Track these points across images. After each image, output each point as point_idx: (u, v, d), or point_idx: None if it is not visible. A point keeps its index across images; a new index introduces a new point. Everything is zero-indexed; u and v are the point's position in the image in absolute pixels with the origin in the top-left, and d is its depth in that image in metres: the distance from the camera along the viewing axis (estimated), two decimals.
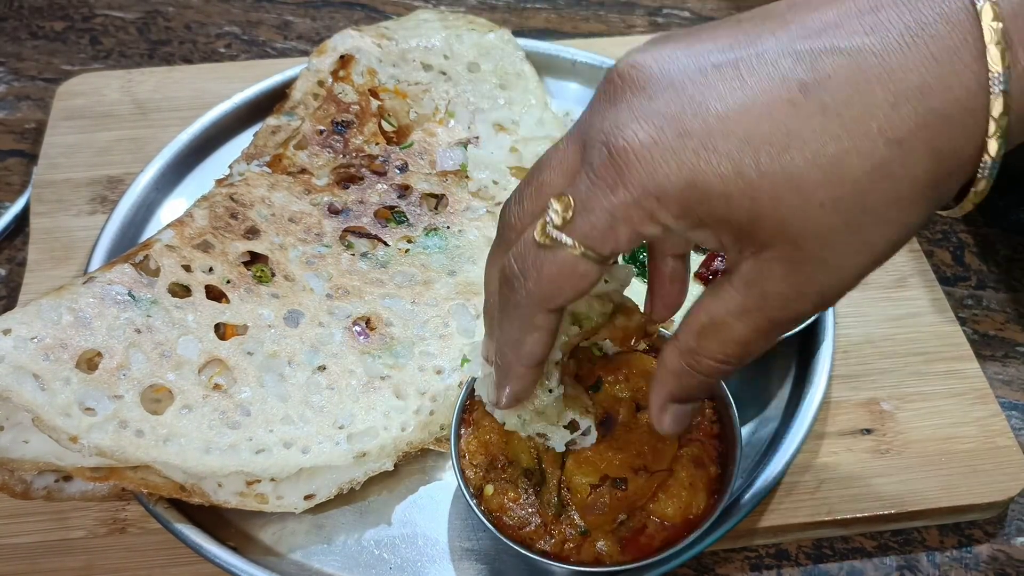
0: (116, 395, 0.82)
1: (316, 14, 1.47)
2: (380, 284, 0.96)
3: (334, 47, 1.15)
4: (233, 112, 1.18)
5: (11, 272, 1.12)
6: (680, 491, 0.75)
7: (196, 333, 0.87)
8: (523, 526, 0.76)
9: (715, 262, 0.93)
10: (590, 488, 0.73)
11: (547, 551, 0.75)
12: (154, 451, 0.81)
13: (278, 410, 0.86)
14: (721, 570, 0.88)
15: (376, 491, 0.89)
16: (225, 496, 0.84)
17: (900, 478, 0.90)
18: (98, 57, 1.40)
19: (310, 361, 0.89)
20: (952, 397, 0.96)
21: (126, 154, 1.18)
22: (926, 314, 1.03)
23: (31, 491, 0.83)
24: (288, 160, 1.04)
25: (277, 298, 0.92)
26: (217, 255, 0.93)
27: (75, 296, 0.85)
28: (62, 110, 1.23)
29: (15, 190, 1.21)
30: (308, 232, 0.98)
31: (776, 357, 0.99)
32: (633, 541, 0.76)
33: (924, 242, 1.14)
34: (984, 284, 1.12)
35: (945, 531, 0.91)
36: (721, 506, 0.76)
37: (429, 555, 0.86)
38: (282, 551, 0.86)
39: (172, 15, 1.47)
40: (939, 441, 0.93)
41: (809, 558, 0.89)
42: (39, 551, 0.86)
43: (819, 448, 0.92)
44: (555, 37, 1.42)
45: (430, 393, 0.90)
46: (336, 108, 1.09)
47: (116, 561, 0.85)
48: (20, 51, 1.40)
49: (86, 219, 1.11)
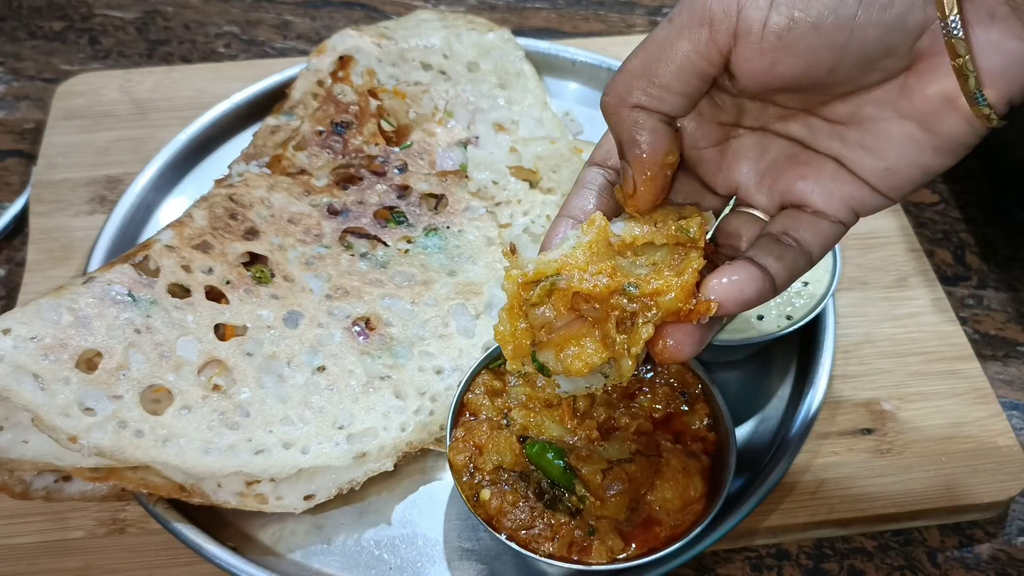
0: (116, 395, 0.82)
1: (315, 14, 1.47)
2: (380, 284, 0.96)
3: (333, 47, 1.15)
4: (232, 112, 1.18)
5: (10, 272, 1.12)
6: (675, 475, 0.77)
7: (195, 334, 0.87)
8: (525, 528, 0.76)
9: None
10: (602, 474, 0.75)
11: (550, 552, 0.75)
12: (153, 451, 0.80)
13: (277, 411, 0.86)
14: (722, 570, 0.88)
15: (376, 491, 0.89)
16: (225, 496, 0.84)
17: (901, 478, 0.90)
18: (97, 57, 1.40)
19: (309, 362, 0.89)
20: (953, 397, 0.96)
21: (125, 154, 1.18)
22: (927, 314, 1.03)
23: (31, 491, 0.83)
24: (287, 161, 1.04)
25: (276, 299, 0.92)
26: (216, 256, 0.93)
27: (75, 296, 0.85)
28: (61, 110, 1.23)
29: (14, 190, 1.21)
30: (307, 233, 0.98)
31: (776, 357, 0.99)
32: (638, 538, 0.76)
33: (925, 242, 1.13)
34: (985, 284, 1.12)
35: (946, 531, 0.91)
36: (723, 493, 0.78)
37: (429, 555, 0.86)
38: (282, 551, 0.86)
39: (171, 15, 1.46)
40: (940, 441, 0.93)
41: (810, 558, 0.89)
42: (38, 551, 0.86)
43: (820, 448, 0.92)
44: (555, 36, 1.41)
45: (430, 393, 0.90)
46: (335, 109, 1.09)
47: (116, 561, 0.85)
48: (19, 51, 1.40)
49: (85, 219, 1.11)
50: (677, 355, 0.61)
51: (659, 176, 0.61)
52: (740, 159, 0.66)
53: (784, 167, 0.64)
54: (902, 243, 1.10)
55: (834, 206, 0.62)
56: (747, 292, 0.59)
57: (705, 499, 0.78)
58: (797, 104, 0.62)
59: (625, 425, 0.80)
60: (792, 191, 0.63)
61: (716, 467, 0.81)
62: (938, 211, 1.19)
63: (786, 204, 0.64)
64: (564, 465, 0.76)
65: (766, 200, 0.65)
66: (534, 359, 0.65)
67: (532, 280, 0.63)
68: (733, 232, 0.66)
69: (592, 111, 1.23)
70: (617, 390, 0.84)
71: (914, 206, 1.19)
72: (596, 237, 0.62)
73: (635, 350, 0.61)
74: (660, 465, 0.78)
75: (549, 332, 0.64)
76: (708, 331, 0.62)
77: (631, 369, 0.63)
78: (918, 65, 0.56)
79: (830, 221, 0.62)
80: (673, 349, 0.61)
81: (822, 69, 0.56)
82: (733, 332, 0.89)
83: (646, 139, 0.60)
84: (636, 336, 0.61)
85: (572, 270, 0.61)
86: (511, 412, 0.82)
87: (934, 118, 0.57)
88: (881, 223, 1.11)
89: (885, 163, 0.59)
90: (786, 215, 0.63)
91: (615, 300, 0.61)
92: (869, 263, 1.07)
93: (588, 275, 0.61)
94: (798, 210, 0.63)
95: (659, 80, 0.58)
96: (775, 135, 0.65)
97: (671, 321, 0.61)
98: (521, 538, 0.76)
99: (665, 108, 0.60)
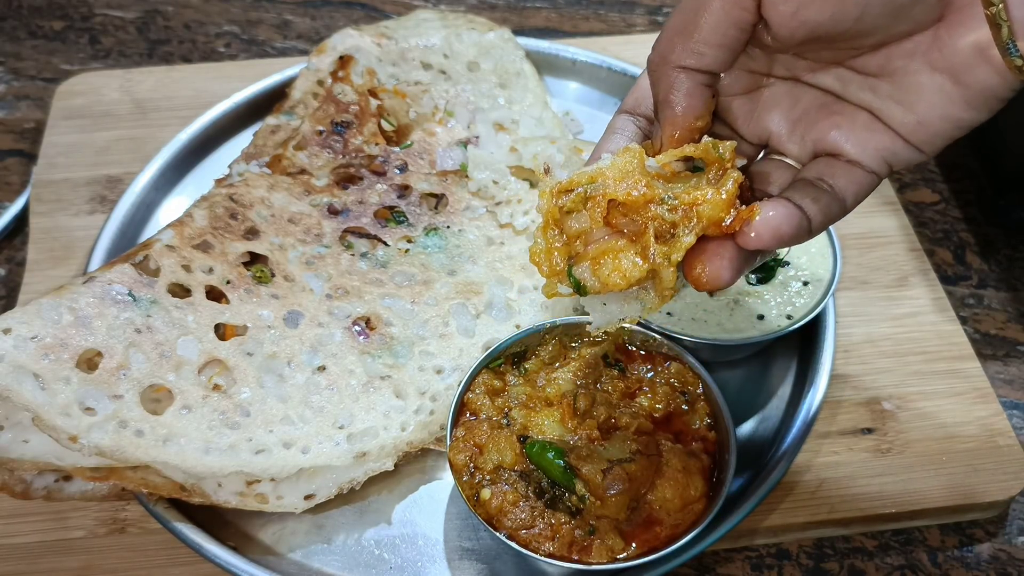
0: (116, 395, 0.82)
1: (316, 13, 1.47)
2: (380, 284, 0.96)
3: (333, 47, 1.15)
4: (232, 112, 1.18)
5: (11, 272, 1.12)
6: (675, 475, 0.78)
7: (196, 333, 0.87)
8: (525, 528, 0.76)
9: None
10: (602, 473, 0.75)
11: (551, 551, 0.75)
12: (154, 451, 0.80)
13: (278, 410, 0.86)
14: (722, 570, 0.88)
15: (376, 491, 0.89)
16: (225, 496, 0.84)
17: (901, 477, 0.90)
18: (97, 56, 1.40)
19: (310, 361, 0.89)
20: (953, 396, 0.96)
21: (125, 154, 1.18)
22: (927, 313, 1.03)
23: (31, 491, 0.83)
24: (288, 161, 1.04)
25: (277, 299, 0.92)
26: (217, 255, 0.93)
27: (75, 296, 0.85)
28: (61, 110, 1.23)
29: (14, 190, 1.21)
30: (308, 232, 0.98)
31: (777, 357, 0.99)
32: (638, 538, 0.76)
33: (925, 241, 1.13)
34: (985, 283, 1.12)
35: (946, 530, 0.91)
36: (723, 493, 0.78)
37: (429, 555, 0.86)
38: (282, 551, 0.86)
39: (171, 14, 1.46)
40: (940, 440, 0.93)
41: (810, 558, 0.89)
42: (39, 551, 0.86)
43: (820, 448, 0.92)
44: (555, 36, 1.41)
45: (430, 393, 0.90)
46: (335, 108, 1.09)
47: (116, 561, 0.85)
48: (19, 51, 1.40)
49: (85, 219, 1.11)
50: (716, 279, 0.61)
51: (686, 138, 0.62)
52: (771, 108, 0.66)
53: (817, 116, 0.64)
54: (902, 242, 1.09)
55: (867, 156, 0.62)
56: (784, 227, 0.59)
57: (705, 499, 0.79)
58: (828, 57, 0.62)
59: (625, 425, 0.80)
60: (825, 140, 0.63)
61: (716, 467, 0.81)
62: (938, 210, 1.19)
63: (819, 153, 0.64)
64: (564, 465, 0.76)
65: (798, 149, 0.65)
66: (570, 275, 0.62)
67: (566, 189, 0.61)
68: (765, 177, 0.66)
69: (592, 111, 1.23)
70: (617, 389, 0.84)
71: (914, 206, 1.19)
72: (632, 158, 0.61)
73: (676, 256, 0.59)
74: (660, 465, 0.78)
75: (585, 244, 0.62)
76: (745, 260, 0.61)
77: (672, 281, 0.61)
78: (950, 16, 0.56)
79: (864, 171, 0.62)
80: (711, 273, 0.60)
81: (850, 16, 0.56)
82: (733, 332, 0.89)
83: (680, 101, 0.61)
84: (677, 245, 0.59)
85: (607, 179, 0.60)
86: (511, 412, 0.82)
87: (966, 70, 0.56)
88: (881, 223, 1.11)
89: (916, 116, 0.59)
90: (820, 162, 0.63)
91: (653, 210, 0.59)
92: (869, 263, 1.07)
93: (624, 184, 0.60)
94: (832, 158, 0.63)
95: (698, 35, 0.59)
96: (807, 85, 0.65)
97: (712, 235, 0.59)
98: (521, 537, 0.76)
99: (705, 63, 0.60)
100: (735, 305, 0.91)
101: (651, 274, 0.61)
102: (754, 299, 0.92)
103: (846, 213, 0.63)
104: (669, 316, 0.90)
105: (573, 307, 0.99)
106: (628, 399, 0.84)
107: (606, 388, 0.84)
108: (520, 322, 0.95)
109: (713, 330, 0.90)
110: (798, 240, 0.60)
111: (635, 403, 0.84)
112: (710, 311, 0.91)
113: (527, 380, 0.85)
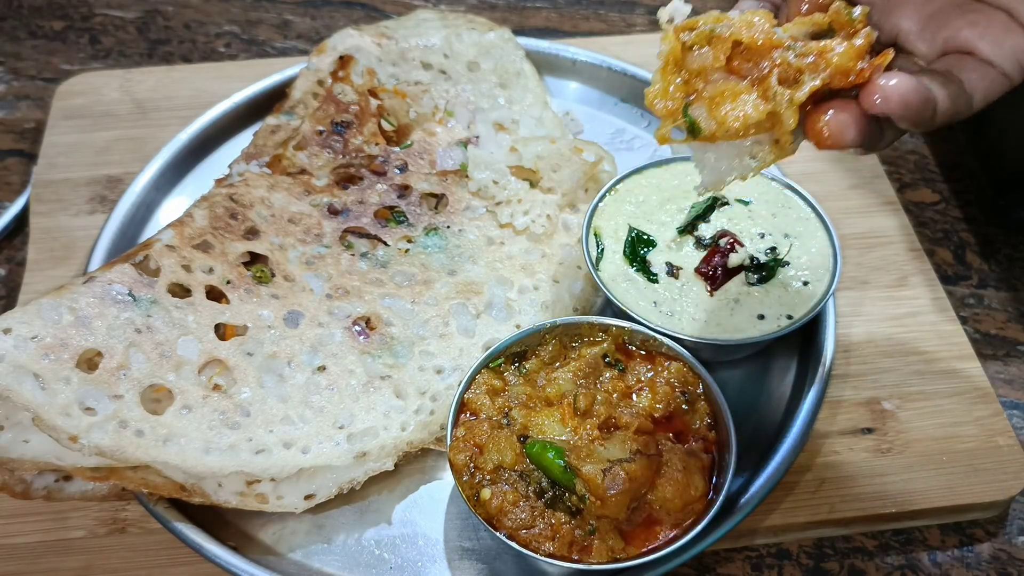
0: (116, 395, 0.82)
1: (316, 13, 1.47)
2: (380, 284, 0.96)
3: (334, 46, 1.15)
4: (232, 112, 1.18)
5: (11, 272, 1.12)
6: (675, 474, 0.78)
7: (196, 333, 0.87)
8: (525, 528, 0.76)
9: (715, 258, 0.93)
10: (602, 473, 0.75)
11: (551, 551, 0.75)
12: (154, 451, 0.81)
13: (278, 410, 0.86)
14: (722, 570, 0.88)
15: (376, 491, 0.89)
16: (225, 496, 0.84)
17: (901, 477, 0.90)
18: (97, 56, 1.40)
19: (310, 361, 0.89)
20: (953, 396, 0.96)
21: (125, 154, 1.18)
22: (927, 313, 1.03)
23: (31, 491, 0.83)
24: (288, 161, 1.04)
25: (277, 298, 0.92)
26: (217, 255, 0.93)
27: (75, 296, 0.85)
28: (61, 110, 1.23)
29: (14, 190, 1.21)
30: (308, 232, 0.98)
31: (776, 357, 0.99)
32: (638, 537, 0.77)
33: (925, 241, 1.13)
34: (985, 283, 1.12)
35: (946, 530, 0.91)
36: (723, 493, 0.78)
37: (429, 555, 0.86)
38: (282, 551, 0.86)
39: (171, 14, 1.46)
40: (940, 440, 0.93)
41: (810, 557, 0.89)
42: (39, 551, 0.86)
43: (820, 447, 0.92)
44: (555, 36, 1.41)
45: (430, 393, 0.90)
46: (335, 108, 1.09)
47: (116, 561, 0.85)
48: (19, 50, 1.40)
49: (86, 219, 1.11)
50: (839, 135, 0.58)
51: (815, 10, 0.61)
52: (905, 4, 0.65)
53: (951, 15, 0.63)
54: (902, 242, 1.09)
55: (1002, 55, 0.60)
56: (912, 97, 0.56)
57: (705, 498, 0.79)
58: None
59: (625, 424, 0.80)
60: (957, 38, 0.62)
61: (716, 466, 0.81)
62: (938, 210, 1.19)
63: (948, 51, 0.62)
64: (564, 464, 0.76)
65: (927, 47, 0.64)
66: (686, 114, 0.60)
67: (690, 26, 0.59)
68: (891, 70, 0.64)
69: (592, 110, 1.23)
70: (617, 389, 0.84)
71: (914, 205, 1.19)
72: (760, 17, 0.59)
73: (800, 96, 0.56)
74: (660, 464, 0.78)
75: (705, 81, 0.59)
76: (872, 128, 0.58)
77: (793, 126, 0.58)
78: None
79: (996, 71, 0.61)
80: (835, 127, 0.58)
81: None
82: (733, 332, 0.89)
83: None
84: (801, 85, 0.56)
85: (734, 23, 0.58)
86: (511, 411, 0.82)
87: None
88: (881, 223, 1.11)
89: None
90: (951, 58, 0.62)
91: (779, 56, 0.57)
92: (869, 262, 1.07)
93: (751, 29, 0.58)
94: (963, 55, 0.62)
95: None
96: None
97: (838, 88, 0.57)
98: (521, 537, 0.76)
99: None
100: (735, 305, 0.91)
101: (770, 119, 0.58)
102: (754, 299, 0.92)
103: (972, 111, 0.60)
104: (669, 316, 0.90)
105: (573, 307, 0.99)
106: (628, 399, 0.84)
107: (606, 388, 0.84)
108: (520, 322, 0.95)
109: (713, 330, 0.89)
110: (922, 119, 0.57)
111: (635, 403, 0.84)
112: (710, 311, 0.91)
113: (527, 380, 0.85)
